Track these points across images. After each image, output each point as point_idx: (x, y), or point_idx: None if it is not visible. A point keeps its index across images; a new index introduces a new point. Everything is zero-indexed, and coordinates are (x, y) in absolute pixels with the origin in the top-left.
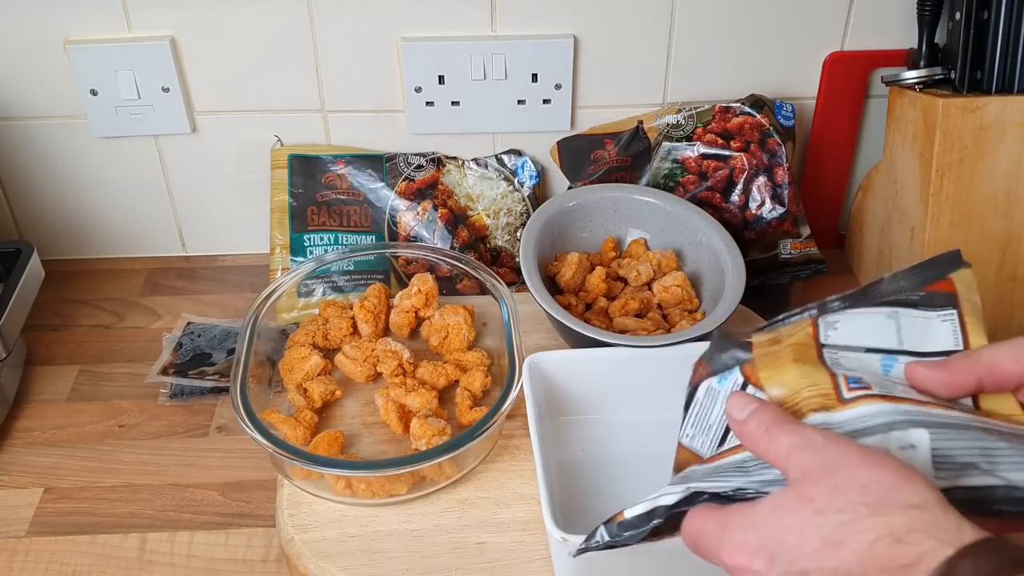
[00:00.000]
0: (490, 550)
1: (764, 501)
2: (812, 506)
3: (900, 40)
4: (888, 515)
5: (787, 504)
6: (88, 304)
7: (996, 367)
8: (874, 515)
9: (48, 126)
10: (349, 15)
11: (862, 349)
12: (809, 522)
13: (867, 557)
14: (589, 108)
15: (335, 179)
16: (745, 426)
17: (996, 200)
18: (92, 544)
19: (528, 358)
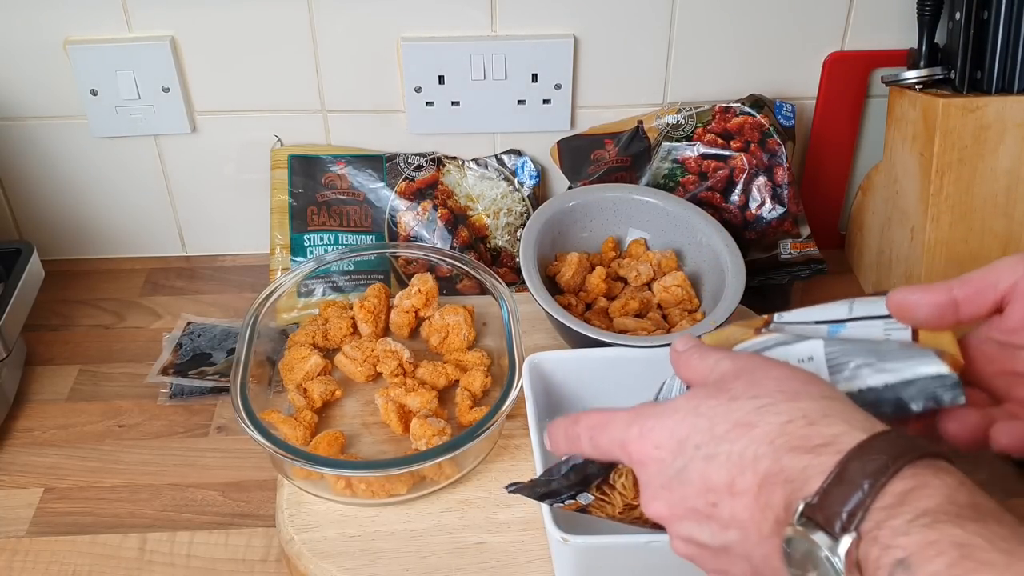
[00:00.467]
0: (490, 550)
1: (680, 396)
2: (728, 395)
3: (900, 40)
4: (802, 401)
5: (703, 394)
6: (88, 304)
7: (969, 281)
8: (789, 401)
9: (48, 126)
10: (349, 15)
11: (812, 321)
12: (723, 407)
13: (778, 436)
14: (589, 108)
15: (335, 179)
16: (681, 354)
17: (996, 200)
18: (92, 544)
19: (528, 358)
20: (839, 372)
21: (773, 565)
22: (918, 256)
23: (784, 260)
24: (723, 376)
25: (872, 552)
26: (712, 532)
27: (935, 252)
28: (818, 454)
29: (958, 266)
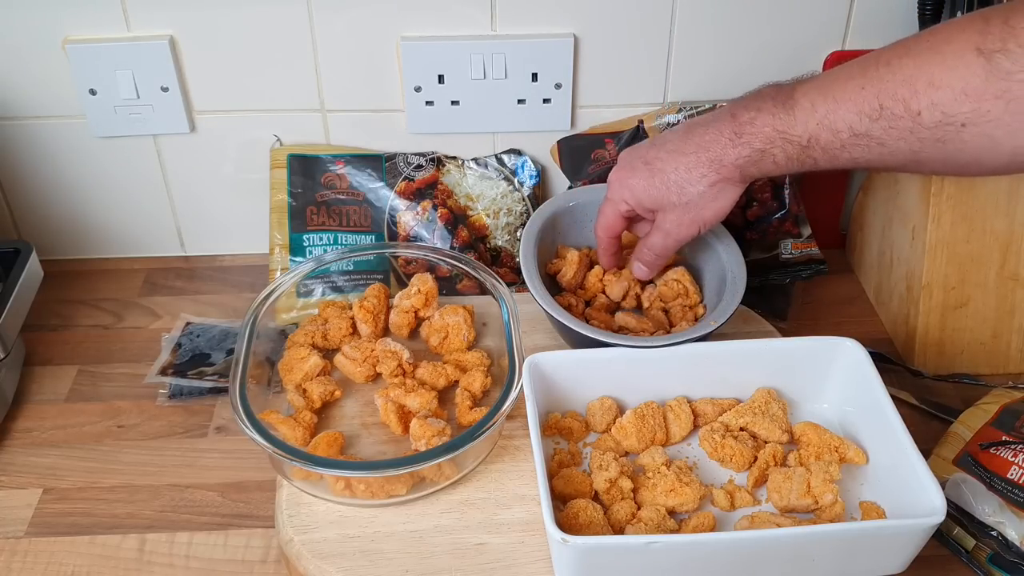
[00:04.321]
0: (490, 551)
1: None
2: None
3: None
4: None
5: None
6: (87, 304)
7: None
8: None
9: (47, 126)
10: (349, 15)
11: None
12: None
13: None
14: (589, 108)
15: (334, 179)
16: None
17: (997, 199)
18: (91, 545)
19: (528, 358)
20: None
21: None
22: (919, 256)
23: (785, 260)
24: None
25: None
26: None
27: (936, 252)
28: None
29: (959, 266)
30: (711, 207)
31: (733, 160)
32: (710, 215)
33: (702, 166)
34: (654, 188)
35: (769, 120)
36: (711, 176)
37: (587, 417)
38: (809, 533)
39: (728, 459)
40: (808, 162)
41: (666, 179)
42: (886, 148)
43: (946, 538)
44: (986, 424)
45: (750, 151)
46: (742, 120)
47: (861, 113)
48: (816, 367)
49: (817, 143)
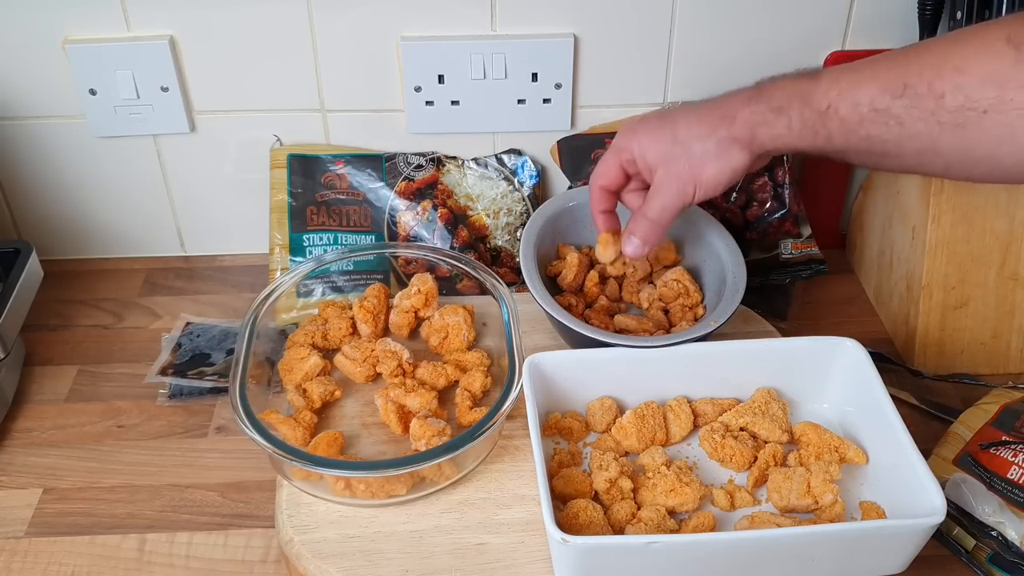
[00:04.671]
0: (490, 551)
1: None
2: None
3: (901, 39)
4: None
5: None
6: (87, 304)
7: (674, 218)
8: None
9: (47, 126)
10: (349, 15)
11: None
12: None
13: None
14: (589, 108)
15: (334, 179)
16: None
17: (997, 199)
18: (91, 545)
19: (528, 358)
20: None
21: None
22: (919, 256)
23: (785, 260)
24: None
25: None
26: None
27: (936, 252)
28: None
29: (959, 266)
30: (712, 166)
31: (746, 117)
32: (710, 175)
33: (713, 120)
34: (660, 141)
35: (790, 83)
36: (720, 132)
37: (587, 417)
38: (809, 533)
39: (728, 459)
40: (822, 134)
41: (675, 132)
42: (905, 129)
43: (946, 538)
44: (986, 424)
45: (766, 109)
46: (763, 83)
47: (884, 90)
48: (816, 367)
49: (836, 113)
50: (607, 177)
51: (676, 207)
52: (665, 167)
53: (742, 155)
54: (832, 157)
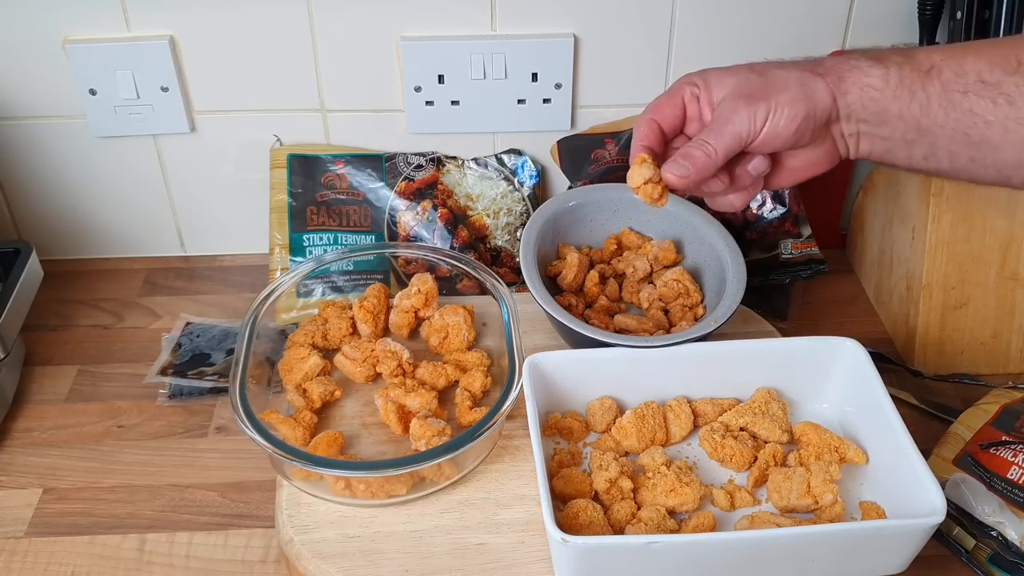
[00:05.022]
0: (490, 551)
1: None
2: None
3: (901, 39)
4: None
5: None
6: (87, 304)
7: (728, 155)
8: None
9: (47, 126)
10: (349, 15)
11: None
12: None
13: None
14: (589, 107)
15: (334, 179)
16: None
17: (997, 199)
18: (91, 545)
19: (528, 358)
20: None
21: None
22: (919, 256)
23: (785, 260)
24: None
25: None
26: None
27: (936, 252)
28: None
29: (959, 266)
30: (791, 92)
31: (835, 62)
32: (785, 99)
33: (798, 61)
34: (734, 71)
35: (888, 49)
36: (805, 67)
37: (587, 417)
38: (809, 533)
39: (728, 459)
40: (920, 97)
41: (751, 66)
42: (1014, 110)
43: (946, 538)
44: (986, 424)
45: (860, 56)
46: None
47: (994, 64)
48: (816, 367)
49: (939, 75)
50: (662, 111)
51: (741, 134)
52: (735, 92)
53: (826, 95)
54: (911, 161)
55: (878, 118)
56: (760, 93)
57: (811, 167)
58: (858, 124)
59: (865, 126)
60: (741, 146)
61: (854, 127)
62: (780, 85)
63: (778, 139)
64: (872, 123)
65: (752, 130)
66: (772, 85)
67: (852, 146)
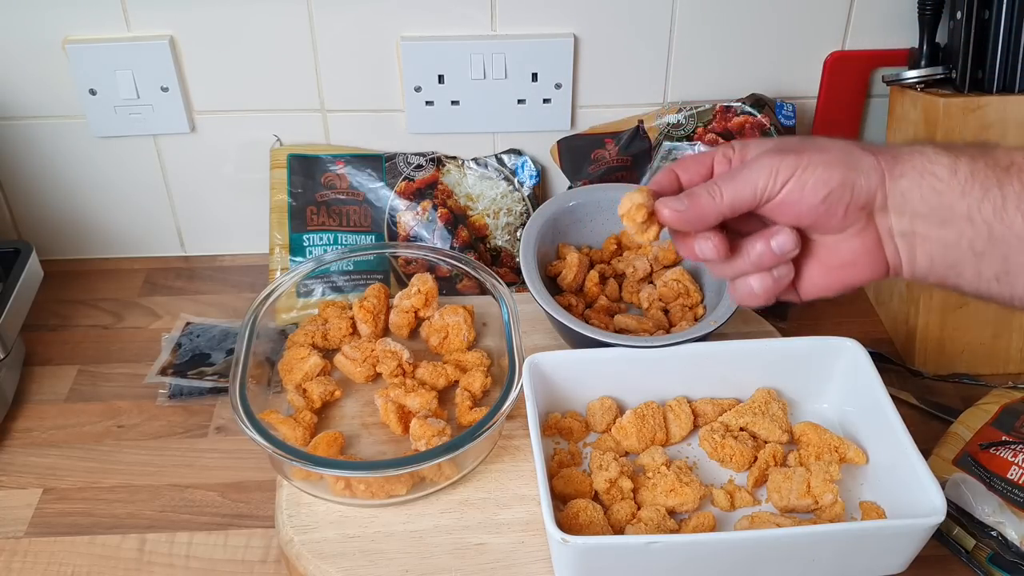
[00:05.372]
0: (490, 551)
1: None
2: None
3: (901, 39)
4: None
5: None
6: (87, 304)
7: (737, 205)
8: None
9: (47, 126)
10: (349, 15)
11: None
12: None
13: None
14: (589, 108)
15: (334, 179)
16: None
17: None
18: (91, 545)
19: (528, 358)
20: None
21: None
22: None
23: None
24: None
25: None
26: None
27: None
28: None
29: None
30: (820, 156)
31: (893, 146)
32: (819, 161)
33: (851, 140)
34: (773, 141)
35: (961, 143)
36: (855, 141)
37: (587, 417)
38: (809, 533)
39: (728, 459)
40: (993, 196)
41: (787, 137)
42: None
43: (946, 538)
44: (986, 424)
45: (926, 144)
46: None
47: None
48: (816, 367)
49: (1020, 174)
50: (685, 164)
51: (756, 184)
52: (768, 149)
53: (872, 171)
54: (979, 281)
55: (939, 216)
56: (793, 148)
57: (850, 268)
58: (913, 221)
59: (922, 224)
60: (755, 199)
61: (907, 223)
62: (819, 146)
63: (803, 204)
64: (931, 221)
65: (771, 184)
66: (810, 145)
67: (906, 253)
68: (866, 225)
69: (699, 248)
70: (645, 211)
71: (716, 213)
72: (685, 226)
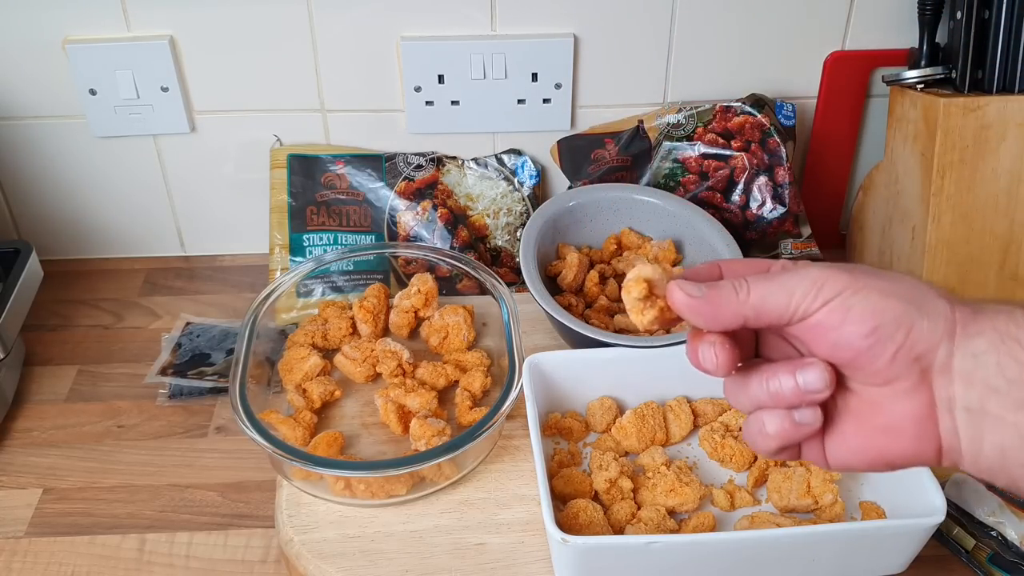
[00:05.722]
0: (490, 551)
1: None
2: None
3: (901, 39)
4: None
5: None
6: (87, 304)
7: (764, 311)
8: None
9: (47, 126)
10: (349, 15)
11: None
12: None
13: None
14: (589, 108)
15: (334, 179)
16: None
17: (997, 200)
18: (91, 545)
19: (528, 358)
20: None
21: None
22: (919, 256)
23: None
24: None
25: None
26: None
27: (936, 252)
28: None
29: (958, 266)
30: (877, 282)
31: (972, 301)
32: (869, 285)
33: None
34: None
35: None
36: (932, 285)
37: (587, 417)
38: (809, 533)
39: (728, 459)
40: None
41: (857, 266)
42: None
43: (946, 538)
44: None
45: (1011, 305)
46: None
47: None
48: None
49: None
50: (734, 264)
51: (793, 291)
52: (822, 264)
53: (939, 317)
54: None
55: (1021, 395)
56: (850, 268)
57: (892, 435)
58: (984, 396)
59: (997, 403)
60: (787, 310)
61: (976, 397)
62: (882, 274)
63: (842, 333)
64: (1009, 401)
65: (810, 298)
66: (870, 271)
67: (969, 437)
68: (918, 385)
69: (701, 352)
70: (645, 287)
71: (735, 313)
72: (695, 318)
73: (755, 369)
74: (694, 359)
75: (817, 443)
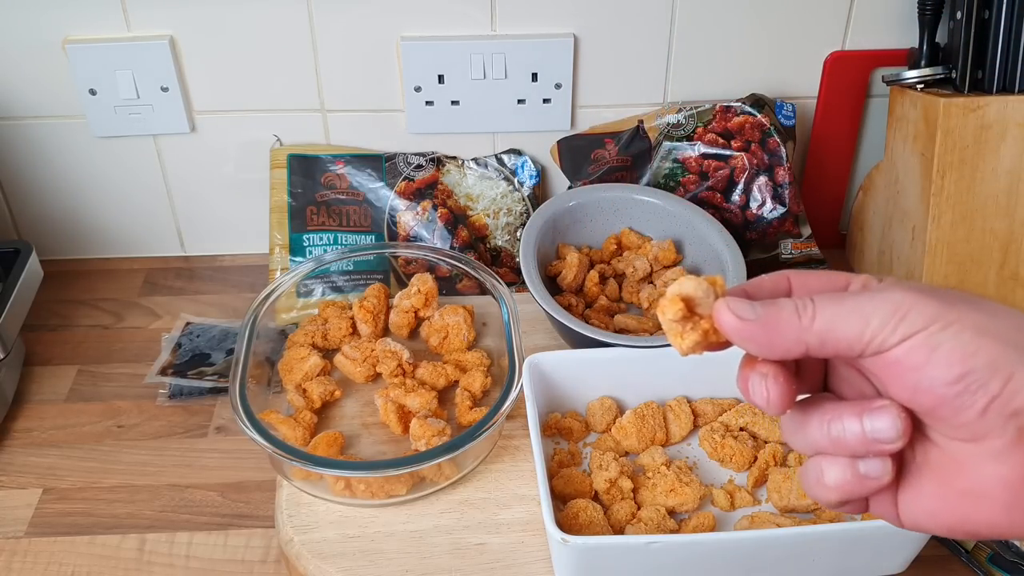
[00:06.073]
0: (490, 551)
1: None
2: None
3: (901, 39)
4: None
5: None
6: (87, 304)
7: (830, 340)
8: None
9: (47, 126)
10: (349, 15)
11: None
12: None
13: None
14: (589, 108)
15: (334, 179)
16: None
17: (997, 200)
18: (91, 545)
19: (528, 358)
20: None
21: None
22: (919, 256)
23: (785, 260)
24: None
25: None
26: None
27: (936, 252)
28: None
29: (959, 266)
30: (972, 315)
31: None
32: (963, 320)
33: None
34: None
35: None
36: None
37: (587, 417)
38: (809, 533)
39: (728, 459)
40: None
41: (950, 291)
42: None
43: (946, 538)
44: None
45: None
46: None
47: None
48: None
49: None
50: (804, 276)
51: (868, 318)
52: (907, 285)
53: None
54: None
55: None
56: (942, 295)
57: (979, 501)
58: None
59: None
60: (859, 340)
61: None
62: (977, 304)
63: (925, 374)
64: None
65: (889, 328)
66: (966, 298)
67: None
68: (1014, 445)
69: (752, 384)
70: (681, 308)
71: (795, 340)
72: (747, 344)
73: (817, 407)
74: (744, 390)
75: (889, 497)
